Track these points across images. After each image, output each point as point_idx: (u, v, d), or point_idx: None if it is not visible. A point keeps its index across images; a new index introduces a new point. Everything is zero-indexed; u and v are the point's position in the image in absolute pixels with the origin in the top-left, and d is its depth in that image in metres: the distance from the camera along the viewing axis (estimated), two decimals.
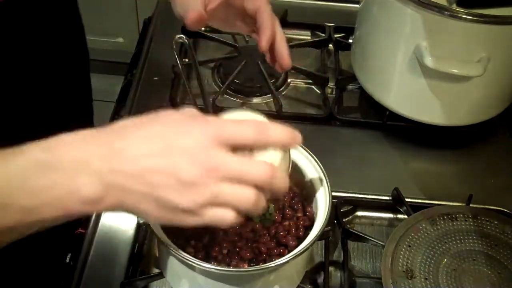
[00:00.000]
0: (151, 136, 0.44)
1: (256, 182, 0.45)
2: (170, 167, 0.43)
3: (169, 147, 0.43)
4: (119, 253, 0.70)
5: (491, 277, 0.66)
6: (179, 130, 0.44)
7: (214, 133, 0.44)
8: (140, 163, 0.43)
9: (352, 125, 0.92)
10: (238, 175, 0.44)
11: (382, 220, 0.79)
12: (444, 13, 0.73)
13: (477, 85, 0.80)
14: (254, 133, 0.46)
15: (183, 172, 0.43)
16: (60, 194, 0.42)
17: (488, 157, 0.88)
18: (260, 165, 0.45)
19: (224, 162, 0.44)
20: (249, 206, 0.45)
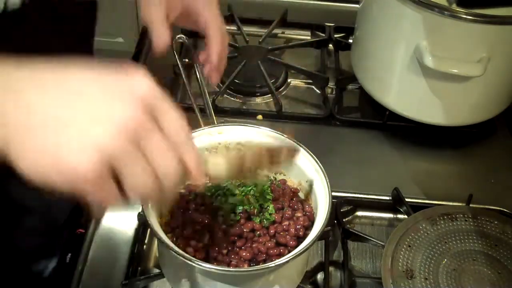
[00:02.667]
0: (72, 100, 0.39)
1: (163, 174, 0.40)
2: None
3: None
4: (119, 253, 0.70)
5: (491, 277, 0.66)
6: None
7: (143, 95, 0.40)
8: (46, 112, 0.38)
9: (352, 125, 0.92)
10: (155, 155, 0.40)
11: (382, 220, 0.79)
12: (444, 13, 0.74)
13: (477, 85, 0.80)
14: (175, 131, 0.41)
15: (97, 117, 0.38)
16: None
17: (488, 157, 0.89)
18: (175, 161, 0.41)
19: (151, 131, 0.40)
20: (144, 190, 0.40)
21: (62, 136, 0.37)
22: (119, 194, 0.40)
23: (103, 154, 0.37)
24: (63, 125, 0.37)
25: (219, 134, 0.66)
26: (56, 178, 0.37)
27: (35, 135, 0.37)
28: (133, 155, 0.39)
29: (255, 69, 0.96)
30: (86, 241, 0.71)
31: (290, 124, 0.90)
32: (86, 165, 0.37)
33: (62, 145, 0.37)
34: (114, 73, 0.41)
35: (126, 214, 0.74)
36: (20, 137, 0.37)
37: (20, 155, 0.38)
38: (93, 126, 0.37)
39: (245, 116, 0.90)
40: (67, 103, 0.38)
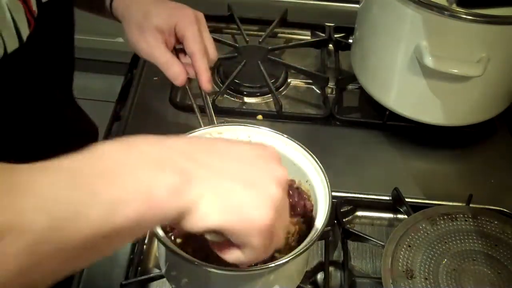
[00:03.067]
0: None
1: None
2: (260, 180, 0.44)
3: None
4: (119, 253, 0.70)
5: (491, 277, 0.66)
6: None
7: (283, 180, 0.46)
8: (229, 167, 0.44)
9: (352, 125, 0.92)
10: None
11: (382, 220, 0.79)
12: (444, 13, 0.74)
13: (477, 85, 0.80)
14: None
15: (271, 190, 0.44)
16: (140, 186, 0.39)
17: (488, 157, 0.89)
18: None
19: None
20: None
21: (248, 193, 0.43)
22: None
23: (276, 209, 0.43)
24: (249, 184, 0.43)
25: (219, 134, 0.66)
26: (237, 226, 0.42)
27: (227, 192, 0.42)
28: (284, 211, 0.47)
29: (255, 69, 0.96)
30: None
31: (290, 124, 0.90)
32: (265, 217, 0.43)
33: (249, 200, 0.43)
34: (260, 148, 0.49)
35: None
36: (212, 194, 0.42)
37: (212, 210, 0.42)
38: (271, 186, 0.44)
39: (245, 116, 0.90)
40: (244, 167, 0.45)
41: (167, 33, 0.72)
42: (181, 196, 0.40)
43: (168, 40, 0.73)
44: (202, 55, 0.72)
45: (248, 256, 0.45)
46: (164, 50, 0.72)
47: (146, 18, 0.73)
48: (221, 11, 1.09)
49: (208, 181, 0.42)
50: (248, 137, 0.67)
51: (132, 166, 0.40)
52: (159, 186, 0.40)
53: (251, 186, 0.43)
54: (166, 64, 0.72)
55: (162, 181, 0.40)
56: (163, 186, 0.40)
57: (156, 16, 0.72)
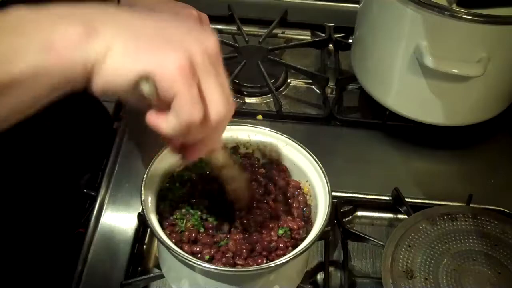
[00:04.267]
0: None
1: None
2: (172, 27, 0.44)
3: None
4: (119, 253, 0.70)
5: (491, 277, 0.66)
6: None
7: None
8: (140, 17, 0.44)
9: (352, 125, 0.92)
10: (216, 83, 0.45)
11: (382, 220, 0.79)
12: (444, 13, 0.74)
13: (477, 85, 0.80)
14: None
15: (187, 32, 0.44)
16: (41, 37, 0.39)
17: (488, 157, 0.88)
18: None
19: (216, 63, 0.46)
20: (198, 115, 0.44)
21: (161, 41, 0.42)
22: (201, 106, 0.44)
23: (191, 60, 0.42)
24: (162, 35, 0.43)
25: None
26: (153, 70, 0.41)
27: (138, 39, 0.42)
28: (211, 73, 0.44)
29: (255, 69, 0.96)
30: (86, 241, 0.71)
31: (290, 124, 0.90)
32: (179, 60, 0.41)
33: (162, 46, 0.42)
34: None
35: (126, 214, 0.75)
36: (123, 42, 0.41)
37: (121, 55, 0.41)
38: (186, 41, 0.43)
39: (245, 116, 0.90)
40: (165, 23, 0.44)
41: None
42: (85, 46, 0.40)
43: None
44: None
45: (180, 114, 0.43)
46: None
47: None
48: (221, 11, 1.09)
49: (117, 32, 0.41)
50: (248, 136, 0.67)
51: (37, 21, 0.40)
52: (61, 36, 0.39)
53: (163, 35, 0.43)
54: None
55: (64, 32, 0.39)
56: (64, 36, 0.39)
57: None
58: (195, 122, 0.43)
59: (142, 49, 0.41)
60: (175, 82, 0.41)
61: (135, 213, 0.73)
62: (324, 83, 0.96)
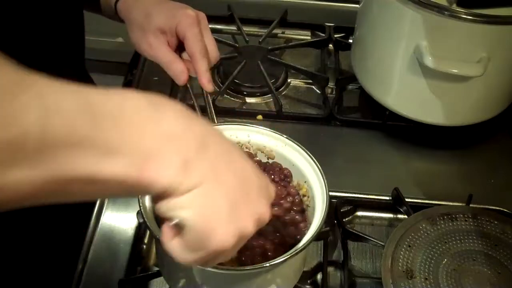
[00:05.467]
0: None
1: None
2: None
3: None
4: (119, 252, 0.70)
5: (491, 277, 0.66)
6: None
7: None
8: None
9: (352, 125, 0.92)
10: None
11: (382, 220, 0.79)
12: (444, 13, 0.74)
13: (477, 85, 0.80)
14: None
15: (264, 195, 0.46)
16: (141, 150, 0.38)
17: (488, 157, 0.88)
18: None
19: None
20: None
21: (228, 213, 0.42)
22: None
23: (238, 243, 0.44)
24: (234, 206, 0.43)
25: None
26: (199, 232, 0.42)
27: (214, 200, 0.42)
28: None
29: (255, 69, 0.96)
30: (86, 240, 0.71)
31: (290, 124, 0.90)
32: (225, 243, 0.42)
33: (224, 220, 0.42)
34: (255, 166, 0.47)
35: (126, 213, 0.75)
36: (199, 194, 0.41)
37: (189, 205, 0.41)
38: (249, 219, 0.44)
39: (245, 116, 0.90)
40: (242, 187, 0.44)
41: (168, 33, 0.72)
42: (174, 178, 0.39)
43: (170, 40, 0.73)
44: (202, 55, 0.72)
45: (188, 256, 0.44)
46: (166, 50, 0.72)
47: (148, 19, 0.73)
48: (221, 11, 1.09)
49: (205, 179, 0.41)
50: (247, 136, 0.67)
51: (144, 126, 0.38)
52: (160, 160, 0.38)
53: (234, 208, 0.43)
54: (168, 64, 0.72)
55: (164, 158, 0.38)
56: (163, 163, 0.38)
57: (157, 17, 0.73)
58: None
59: (210, 209, 0.42)
60: (202, 246, 0.42)
61: (135, 213, 0.73)
62: (324, 83, 0.96)
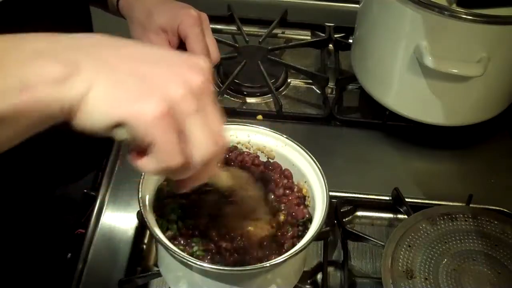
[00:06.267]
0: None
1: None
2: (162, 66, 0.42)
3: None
4: (119, 252, 0.70)
5: (491, 277, 0.66)
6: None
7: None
8: (125, 53, 0.42)
9: (352, 125, 0.92)
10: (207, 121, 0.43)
11: (382, 220, 0.79)
12: (444, 13, 0.74)
13: (477, 85, 0.80)
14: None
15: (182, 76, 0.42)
16: (17, 77, 0.38)
17: (488, 157, 0.88)
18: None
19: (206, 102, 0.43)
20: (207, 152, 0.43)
21: (139, 85, 0.40)
22: (180, 151, 0.42)
23: (171, 106, 0.40)
24: (143, 77, 0.41)
25: None
26: (129, 119, 0.40)
27: (117, 85, 0.40)
28: (195, 114, 0.42)
29: (255, 69, 0.96)
30: (86, 241, 0.71)
31: (290, 124, 0.90)
32: (154, 108, 0.40)
33: (138, 92, 0.40)
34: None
35: (126, 213, 0.75)
36: (102, 86, 0.39)
37: (99, 100, 0.39)
38: (167, 84, 0.41)
39: (245, 116, 0.90)
40: (143, 63, 0.42)
41: (170, 32, 0.72)
42: (63, 87, 0.38)
43: (171, 40, 0.73)
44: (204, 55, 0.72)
45: (158, 159, 0.41)
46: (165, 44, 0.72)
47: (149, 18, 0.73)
48: (221, 11, 1.09)
49: (97, 73, 0.40)
50: (248, 136, 0.67)
51: (16, 53, 0.39)
52: (38, 75, 0.38)
53: (144, 81, 0.41)
54: None
55: (41, 70, 0.38)
56: (41, 75, 0.38)
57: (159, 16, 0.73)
58: (174, 168, 0.42)
59: (119, 95, 0.40)
60: (151, 131, 0.40)
61: (135, 213, 0.73)
62: (324, 83, 0.96)
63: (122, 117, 0.39)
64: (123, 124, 0.40)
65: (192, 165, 0.43)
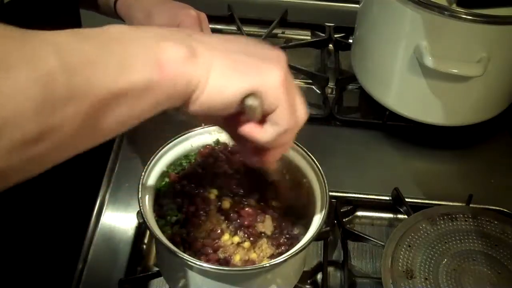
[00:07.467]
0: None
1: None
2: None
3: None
4: (119, 252, 0.70)
5: (491, 277, 0.66)
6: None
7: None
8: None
9: (352, 125, 0.92)
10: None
11: (382, 220, 0.79)
12: (444, 13, 0.74)
13: (477, 85, 0.80)
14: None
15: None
16: (147, 53, 0.40)
17: (488, 157, 0.88)
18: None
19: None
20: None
21: (255, 58, 0.44)
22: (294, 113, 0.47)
23: (286, 73, 0.45)
24: (255, 54, 0.45)
25: (219, 134, 0.66)
26: (259, 86, 0.43)
27: (235, 61, 0.43)
28: (293, 82, 0.47)
29: None
30: (86, 240, 0.71)
31: None
32: (280, 75, 0.44)
33: (257, 63, 0.44)
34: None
35: (126, 213, 0.75)
36: (221, 65, 0.43)
37: (225, 76, 0.43)
38: (276, 57, 0.45)
39: None
40: (248, 46, 0.46)
41: None
42: (190, 65, 0.41)
43: None
44: None
45: (281, 123, 0.45)
46: None
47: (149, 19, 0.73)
48: (221, 11, 1.09)
49: (212, 56, 0.42)
50: None
51: (140, 38, 0.41)
52: (168, 54, 0.40)
53: (255, 54, 0.45)
54: None
55: (170, 50, 0.40)
56: (171, 54, 0.40)
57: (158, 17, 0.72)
58: (294, 129, 0.47)
59: (242, 68, 0.43)
60: (280, 96, 0.44)
61: (135, 213, 0.73)
62: (324, 83, 0.96)
63: (253, 86, 0.43)
64: (253, 94, 0.43)
65: (296, 129, 0.48)
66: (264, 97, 0.43)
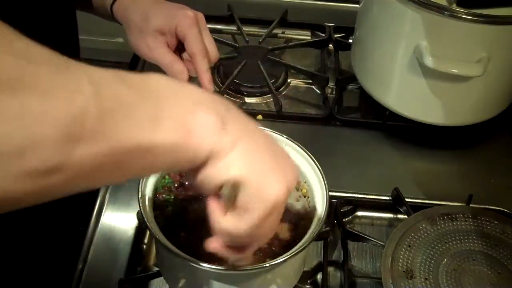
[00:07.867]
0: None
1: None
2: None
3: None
4: (119, 252, 0.70)
5: (491, 277, 0.66)
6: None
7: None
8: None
9: (352, 125, 0.92)
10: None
11: (382, 220, 0.79)
12: (444, 13, 0.74)
13: (477, 85, 0.80)
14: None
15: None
16: (183, 117, 0.40)
17: (488, 157, 0.88)
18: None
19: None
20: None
21: (274, 166, 0.45)
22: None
23: (286, 196, 0.45)
24: (275, 160, 0.46)
25: None
26: (255, 188, 0.43)
27: (257, 154, 0.44)
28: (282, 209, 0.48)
29: (255, 69, 0.96)
30: (86, 240, 0.71)
31: (290, 124, 0.90)
32: (281, 194, 0.44)
33: (273, 171, 0.45)
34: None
35: (126, 213, 0.75)
36: (244, 148, 0.43)
37: (237, 160, 0.43)
38: (290, 174, 0.46)
39: None
40: (271, 144, 0.47)
41: (168, 34, 0.72)
42: (216, 137, 0.41)
43: (170, 41, 0.73)
44: (203, 56, 0.72)
45: (245, 223, 0.45)
46: (165, 51, 0.72)
47: (146, 21, 0.73)
48: (221, 11, 1.09)
49: (240, 136, 0.43)
50: None
51: (177, 96, 0.41)
52: (199, 120, 0.41)
53: (276, 162, 0.45)
54: (168, 64, 0.72)
55: (203, 117, 0.41)
56: (203, 121, 0.41)
57: (156, 18, 0.72)
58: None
59: (256, 161, 0.44)
60: (261, 204, 0.44)
61: (135, 213, 0.73)
62: (324, 83, 0.96)
63: (251, 181, 0.43)
64: (239, 185, 0.43)
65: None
66: (248, 195, 0.43)
